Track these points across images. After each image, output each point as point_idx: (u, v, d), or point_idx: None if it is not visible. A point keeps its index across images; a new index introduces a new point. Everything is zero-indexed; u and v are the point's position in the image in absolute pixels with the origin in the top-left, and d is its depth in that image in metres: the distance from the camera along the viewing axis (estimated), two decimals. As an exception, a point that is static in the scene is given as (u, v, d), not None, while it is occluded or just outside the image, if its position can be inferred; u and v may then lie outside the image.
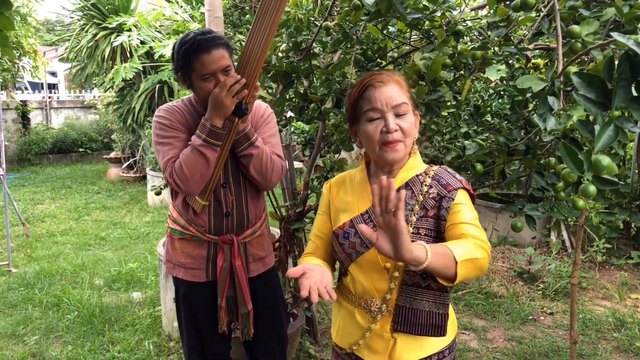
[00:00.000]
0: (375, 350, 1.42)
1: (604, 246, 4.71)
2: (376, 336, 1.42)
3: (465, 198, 1.37)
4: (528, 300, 4.04)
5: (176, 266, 2.12)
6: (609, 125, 0.96)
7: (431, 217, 1.37)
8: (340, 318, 1.52)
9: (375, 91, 1.37)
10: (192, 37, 1.87)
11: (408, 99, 1.39)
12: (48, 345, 3.36)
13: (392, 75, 1.41)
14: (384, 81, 1.38)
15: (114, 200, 8.00)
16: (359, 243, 1.42)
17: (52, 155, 11.83)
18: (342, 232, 1.46)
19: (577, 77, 1.03)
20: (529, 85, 1.61)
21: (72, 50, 9.28)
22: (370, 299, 1.42)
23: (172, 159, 1.93)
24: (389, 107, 1.36)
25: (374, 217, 1.40)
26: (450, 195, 1.35)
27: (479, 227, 1.30)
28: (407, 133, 1.37)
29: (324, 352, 3.23)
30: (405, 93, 1.39)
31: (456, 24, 2.18)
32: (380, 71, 1.43)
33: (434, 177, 1.41)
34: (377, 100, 1.37)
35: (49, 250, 5.49)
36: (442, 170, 1.43)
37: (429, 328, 1.38)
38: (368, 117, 1.39)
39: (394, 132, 1.35)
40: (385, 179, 1.06)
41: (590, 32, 1.66)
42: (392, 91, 1.37)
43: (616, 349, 3.31)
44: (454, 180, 1.39)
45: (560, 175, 1.48)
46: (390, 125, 1.34)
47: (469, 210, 1.33)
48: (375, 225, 1.38)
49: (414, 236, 1.35)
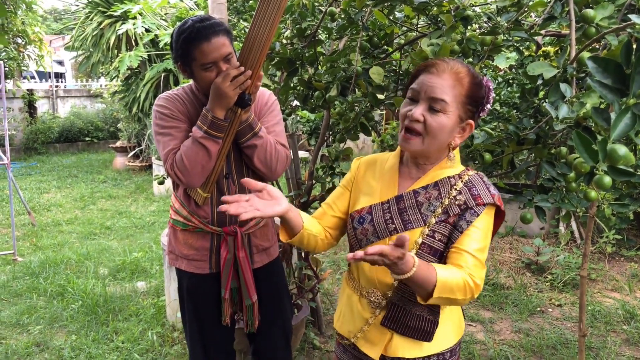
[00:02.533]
0: (372, 341, 1.40)
1: (614, 237, 4.64)
2: (374, 328, 1.39)
3: (487, 218, 1.30)
4: (536, 292, 3.99)
5: (179, 257, 2.08)
6: (625, 113, 0.90)
7: (450, 224, 1.30)
8: (344, 303, 1.49)
9: (425, 75, 1.29)
10: (190, 25, 1.80)
11: (458, 101, 1.27)
12: (52, 334, 3.36)
13: (454, 66, 1.29)
14: (439, 69, 1.28)
15: (120, 190, 7.99)
16: (371, 232, 1.37)
17: (58, 144, 11.84)
18: (358, 217, 1.41)
19: (592, 62, 0.98)
20: (540, 72, 1.55)
21: (77, 38, 9.24)
22: (372, 289, 1.39)
23: (173, 150, 1.89)
24: (425, 95, 1.27)
25: (393, 207, 1.36)
26: (477, 210, 1.28)
27: (480, 262, 1.26)
28: (431, 131, 1.27)
29: (329, 343, 3.20)
30: (457, 93, 1.27)
31: (465, 9, 2.11)
32: (447, 59, 1.32)
33: (467, 184, 1.32)
34: (420, 83, 1.29)
35: (54, 239, 5.48)
36: (477, 178, 1.34)
37: (415, 331, 1.35)
38: (408, 95, 1.33)
39: (416, 121, 1.27)
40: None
41: (605, 16, 1.60)
42: (439, 82, 1.26)
43: (626, 342, 3.25)
44: (485, 193, 1.30)
45: (572, 165, 1.43)
46: (414, 112, 1.27)
47: (481, 237, 1.28)
48: (392, 215, 1.34)
49: (427, 238, 1.31)
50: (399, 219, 1.34)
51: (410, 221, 1.33)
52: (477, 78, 1.31)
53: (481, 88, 1.31)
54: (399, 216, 1.35)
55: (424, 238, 1.31)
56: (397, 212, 1.35)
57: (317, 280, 3.09)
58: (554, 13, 1.63)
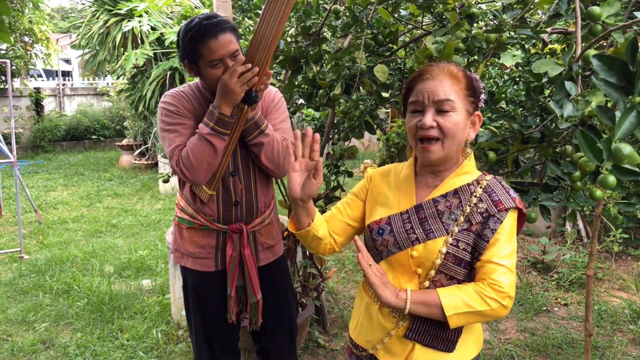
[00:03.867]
0: (393, 352, 1.37)
1: (621, 236, 4.61)
2: (396, 339, 1.36)
3: (511, 222, 1.29)
4: (542, 291, 3.97)
5: (184, 255, 2.08)
6: (631, 112, 0.89)
7: (473, 232, 1.29)
8: (361, 313, 1.47)
9: (421, 84, 1.30)
10: (197, 23, 1.81)
11: (460, 97, 1.28)
12: (58, 332, 3.37)
13: (446, 68, 1.30)
14: (434, 74, 1.29)
15: (126, 188, 8.02)
16: (392, 242, 1.35)
17: (65, 142, 11.90)
18: (377, 228, 1.39)
19: (597, 60, 0.96)
20: (545, 70, 1.54)
21: (83, 37, 9.28)
22: None
23: (179, 147, 1.89)
24: (430, 101, 1.27)
25: (413, 217, 1.35)
26: (499, 216, 1.27)
27: (508, 269, 1.26)
28: (447, 132, 1.26)
29: (333, 342, 3.20)
30: (459, 90, 1.28)
31: (470, 7, 2.10)
32: (436, 63, 1.33)
33: (486, 190, 1.31)
34: (419, 93, 1.30)
35: (60, 237, 5.51)
36: (495, 182, 1.33)
37: (439, 340, 1.33)
38: (410, 109, 1.33)
39: (429, 128, 1.26)
40: None
41: (611, 14, 1.58)
42: (438, 85, 1.27)
43: (632, 342, 3.23)
44: (506, 198, 1.30)
45: (577, 164, 1.42)
46: (425, 120, 1.26)
47: (507, 242, 1.27)
48: (412, 225, 1.34)
49: (452, 247, 1.29)
50: (420, 229, 1.33)
51: (432, 230, 1.31)
52: (467, 71, 1.34)
53: (473, 79, 1.33)
54: (420, 226, 1.33)
55: (448, 247, 1.29)
56: (418, 221, 1.34)
57: (322, 279, 3.09)
58: (560, 10, 1.62)
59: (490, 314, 1.24)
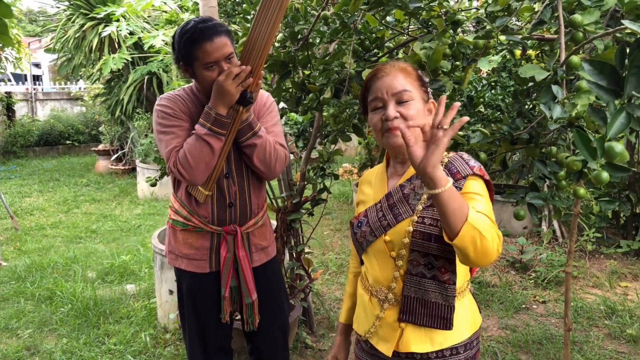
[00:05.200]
0: (385, 338, 1.42)
1: (594, 235, 4.78)
2: (385, 325, 1.42)
3: (478, 186, 1.32)
4: (521, 290, 4.09)
5: (179, 257, 2.10)
6: (621, 112, 0.97)
7: None
8: (359, 305, 1.54)
9: (378, 82, 1.39)
10: (192, 26, 1.84)
11: (415, 87, 1.37)
12: (42, 338, 3.34)
13: (396, 64, 1.41)
14: (387, 72, 1.39)
15: (104, 193, 7.93)
16: (369, 232, 1.42)
17: (38, 147, 11.69)
18: (356, 222, 1.48)
19: (588, 64, 1.04)
20: (531, 75, 1.62)
21: (58, 41, 9.14)
22: (379, 287, 1.43)
23: (176, 148, 1.92)
24: (389, 95, 1.35)
25: (384, 205, 1.42)
26: (457, 184, 1.31)
27: (494, 222, 1.23)
28: (411, 118, 1.34)
29: (321, 342, 3.24)
30: (412, 81, 1.38)
31: (455, 14, 2.18)
32: (386, 62, 1.42)
33: (447, 165, 1.35)
34: (378, 90, 1.38)
35: (39, 243, 5.43)
36: (456, 157, 1.38)
37: (434, 319, 1.35)
38: (371, 107, 1.41)
39: (394, 119, 1.34)
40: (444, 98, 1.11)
41: (591, 22, 1.67)
42: (394, 79, 1.36)
43: (608, 336, 3.36)
44: (464, 167, 1.34)
45: (563, 163, 1.50)
46: (389, 112, 1.34)
47: (481, 200, 1.28)
48: (384, 212, 1.40)
49: (417, 225, 1.34)
50: (390, 214, 1.40)
51: (400, 213, 1.38)
52: (412, 65, 1.45)
53: (420, 71, 1.44)
54: (390, 211, 1.40)
55: (414, 225, 1.34)
56: (388, 208, 1.41)
57: (310, 280, 3.13)
58: (544, 18, 1.70)
59: (488, 247, 1.16)
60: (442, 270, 1.34)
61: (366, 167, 6.85)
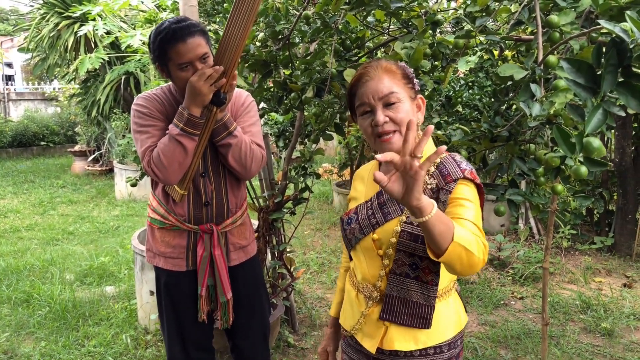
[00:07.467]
0: (369, 335, 1.43)
1: (569, 232, 4.89)
2: (370, 322, 1.43)
3: (468, 191, 1.30)
4: (499, 286, 4.16)
5: (156, 255, 2.11)
6: (598, 109, 1.00)
7: None
8: (346, 300, 1.56)
9: (363, 87, 1.37)
10: (166, 26, 1.84)
11: (401, 87, 1.36)
12: (20, 342, 3.28)
13: (379, 66, 1.38)
14: (371, 75, 1.36)
15: (80, 194, 7.81)
16: (358, 229, 1.43)
17: (11, 149, 11.47)
18: (346, 218, 1.49)
19: (567, 63, 1.07)
20: (510, 74, 1.65)
21: (32, 40, 8.97)
22: (366, 284, 1.44)
23: (150, 148, 1.92)
24: (376, 99, 1.34)
25: (374, 203, 1.42)
26: (447, 187, 1.31)
27: (481, 230, 1.23)
28: (401, 122, 1.32)
29: (303, 341, 3.25)
30: (397, 81, 1.36)
31: (435, 14, 2.22)
32: (369, 64, 1.39)
33: (438, 167, 1.34)
34: (363, 95, 1.36)
35: (14, 246, 5.33)
36: (448, 158, 1.36)
37: (413, 319, 1.37)
38: (359, 112, 1.39)
39: (384, 124, 1.32)
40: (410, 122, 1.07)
41: (567, 22, 1.72)
42: (379, 83, 1.34)
43: (583, 330, 3.44)
44: (455, 170, 1.32)
45: (542, 160, 1.54)
46: (378, 118, 1.32)
47: (469, 207, 1.27)
48: (373, 211, 1.41)
49: (405, 225, 1.34)
50: (379, 213, 1.40)
51: (389, 212, 1.39)
52: (397, 61, 1.43)
53: (405, 67, 1.42)
54: (380, 210, 1.41)
55: (402, 225, 1.34)
56: (378, 206, 1.42)
57: (292, 279, 3.14)
58: (522, 18, 1.74)
59: (475, 262, 1.17)
60: (425, 272, 1.35)
61: (346, 167, 6.88)
